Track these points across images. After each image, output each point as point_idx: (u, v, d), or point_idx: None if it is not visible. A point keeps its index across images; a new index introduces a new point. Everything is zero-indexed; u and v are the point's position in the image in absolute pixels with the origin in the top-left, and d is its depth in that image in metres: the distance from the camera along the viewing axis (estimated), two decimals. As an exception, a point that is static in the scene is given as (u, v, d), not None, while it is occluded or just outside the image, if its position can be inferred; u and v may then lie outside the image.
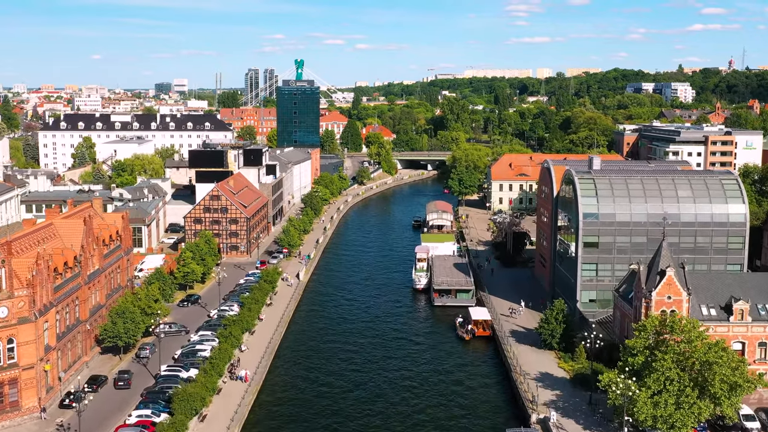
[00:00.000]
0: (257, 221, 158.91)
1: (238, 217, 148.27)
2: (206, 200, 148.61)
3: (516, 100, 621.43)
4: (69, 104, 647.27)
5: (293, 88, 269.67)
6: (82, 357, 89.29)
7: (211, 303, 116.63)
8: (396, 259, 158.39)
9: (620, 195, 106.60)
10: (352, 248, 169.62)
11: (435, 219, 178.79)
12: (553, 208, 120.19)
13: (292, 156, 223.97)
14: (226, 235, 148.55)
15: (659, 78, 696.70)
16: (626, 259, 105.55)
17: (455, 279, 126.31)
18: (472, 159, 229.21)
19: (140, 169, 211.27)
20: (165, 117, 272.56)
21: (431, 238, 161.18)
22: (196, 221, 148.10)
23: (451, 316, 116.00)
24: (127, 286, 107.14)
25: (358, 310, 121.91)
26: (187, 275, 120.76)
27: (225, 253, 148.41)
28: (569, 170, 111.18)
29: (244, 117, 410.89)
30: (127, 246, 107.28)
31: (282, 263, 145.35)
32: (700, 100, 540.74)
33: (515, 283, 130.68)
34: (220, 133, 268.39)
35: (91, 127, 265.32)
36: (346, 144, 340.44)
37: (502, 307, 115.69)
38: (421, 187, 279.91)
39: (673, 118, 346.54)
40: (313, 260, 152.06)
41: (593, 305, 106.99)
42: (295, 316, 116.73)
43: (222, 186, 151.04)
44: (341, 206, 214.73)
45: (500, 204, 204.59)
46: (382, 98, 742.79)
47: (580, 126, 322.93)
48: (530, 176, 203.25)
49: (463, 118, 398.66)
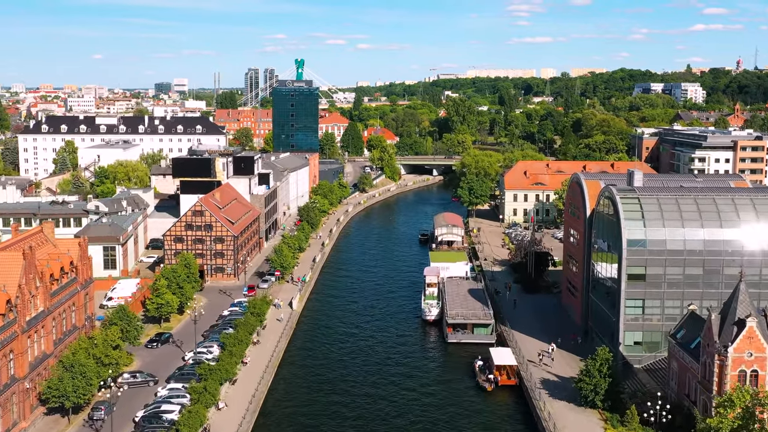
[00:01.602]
0: (247, 238, 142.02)
1: (224, 236, 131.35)
2: (188, 216, 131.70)
3: (521, 101, 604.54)
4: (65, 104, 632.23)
5: (290, 89, 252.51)
6: (20, 423, 72.37)
7: (187, 341, 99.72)
8: (402, 281, 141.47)
9: (671, 218, 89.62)
10: (353, 268, 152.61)
11: (444, 234, 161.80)
12: (586, 230, 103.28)
13: (288, 162, 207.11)
14: (210, 256, 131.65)
15: (667, 78, 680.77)
16: (678, 294, 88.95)
17: (471, 310, 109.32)
18: (483, 165, 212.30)
19: (123, 177, 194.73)
20: (154, 120, 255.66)
21: (441, 257, 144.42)
22: (177, 240, 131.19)
23: (468, 358, 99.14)
24: (85, 326, 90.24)
25: (359, 349, 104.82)
26: (161, 307, 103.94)
27: (209, 275, 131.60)
28: (609, 188, 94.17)
29: (240, 119, 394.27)
30: (85, 278, 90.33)
31: (273, 287, 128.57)
32: (712, 101, 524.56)
33: (540, 314, 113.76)
34: (212, 136, 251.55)
35: (75, 130, 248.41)
36: (346, 147, 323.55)
37: (528, 347, 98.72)
38: (426, 194, 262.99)
39: (691, 120, 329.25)
40: (309, 283, 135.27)
41: (638, 348, 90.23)
42: (286, 358, 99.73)
43: (206, 200, 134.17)
44: (341, 217, 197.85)
45: (514, 216, 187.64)
46: (384, 98, 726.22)
47: (592, 129, 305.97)
48: (547, 185, 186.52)
49: (469, 119, 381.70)
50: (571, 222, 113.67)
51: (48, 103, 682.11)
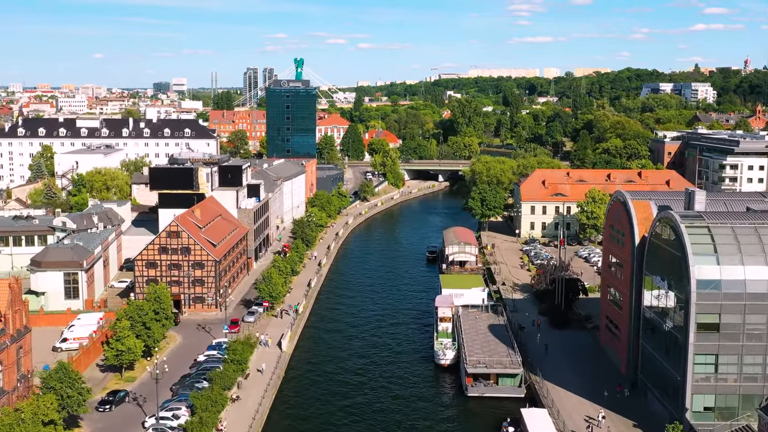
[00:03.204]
0: (232, 261, 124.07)
1: (204, 260, 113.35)
2: (162, 238, 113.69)
3: (525, 101, 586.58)
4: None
5: (285, 89, 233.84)
6: None
7: (152, 396, 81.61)
8: (409, 310, 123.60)
9: (752, 252, 71.63)
10: (353, 294, 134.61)
11: (456, 253, 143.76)
12: (635, 262, 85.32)
13: (283, 170, 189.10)
14: (188, 284, 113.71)
15: (675, 78, 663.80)
16: (761, 349, 71.05)
17: (495, 356, 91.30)
18: (495, 173, 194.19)
19: (101, 186, 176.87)
20: (139, 123, 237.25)
21: (454, 282, 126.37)
22: (149, 265, 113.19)
23: (493, 418, 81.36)
24: (17, 389, 72.25)
25: (360, 407, 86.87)
26: (122, 355, 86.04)
27: (187, 306, 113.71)
28: (670, 214, 76.13)
29: (236, 120, 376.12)
30: (17, 328, 72.35)
31: (261, 320, 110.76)
32: (724, 102, 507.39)
33: (575, 357, 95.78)
34: (202, 141, 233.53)
35: (54, 133, 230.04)
36: (346, 151, 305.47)
37: (567, 406, 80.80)
38: (432, 202, 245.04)
39: (711, 122, 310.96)
40: (303, 313, 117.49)
41: (709, 416, 72.24)
42: (271, 421, 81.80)
43: (184, 218, 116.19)
44: (340, 230, 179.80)
45: (531, 230, 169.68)
46: (385, 98, 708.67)
47: (605, 131, 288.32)
48: (568, 197, 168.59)
49: (476, 121, 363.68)
50: (613, 248, 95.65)
51: (42, 104, 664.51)
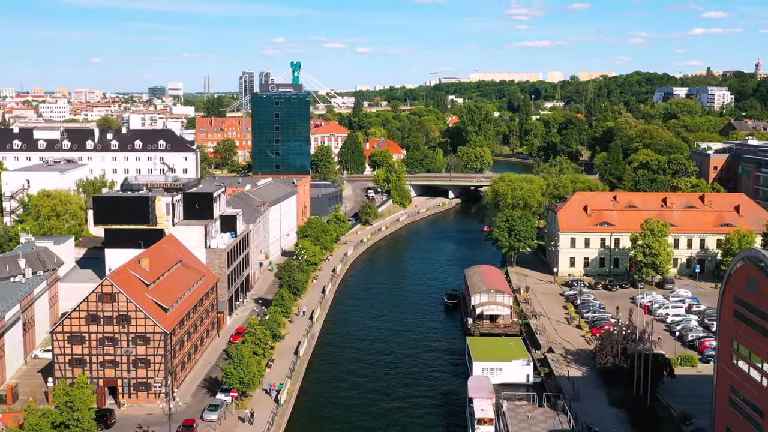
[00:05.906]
0: (191, 327, 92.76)
1: (149, 333, 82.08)
2: (91, 302, 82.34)
3: (531, 106, 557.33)
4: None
5: (275, 95, 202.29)
6: None
7: None
8: (428, 392, 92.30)
9: None
10: (353, 367, 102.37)
11: (485, 304, 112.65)
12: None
13: (269, 192, 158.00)
14: (127, 365, 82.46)
15: (688, 82, 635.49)
16: None
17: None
18: (521, 195, 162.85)
19: (49, 213, 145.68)
20: (105, 134, 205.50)
21: (486, 349, 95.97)
22: (73, 339, 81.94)
23: None
24: None
25: None
26: None
27: (125, 396, 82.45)
28: None
29: (224, 128, 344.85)
30: None
31: (227, 418, 79.69)
32: (744, 107, 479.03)
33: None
34: (179, 154, 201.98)
35: (6, 146, 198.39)
36: (345, 164, 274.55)
37: None
38: (443, 224, 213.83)
39: (749, 131, 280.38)
40: (289, 400, 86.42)
41: None
42: None
43: (123, 273, 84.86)
44: (338, 266, 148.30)
45: (571, 267, 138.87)
46: (385, 103, 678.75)
47: (631, 141, 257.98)
48: (617, 226, 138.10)
49: (486, 129, 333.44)
50: (742, 334, 64.46)
51: (26, 109, 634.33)
